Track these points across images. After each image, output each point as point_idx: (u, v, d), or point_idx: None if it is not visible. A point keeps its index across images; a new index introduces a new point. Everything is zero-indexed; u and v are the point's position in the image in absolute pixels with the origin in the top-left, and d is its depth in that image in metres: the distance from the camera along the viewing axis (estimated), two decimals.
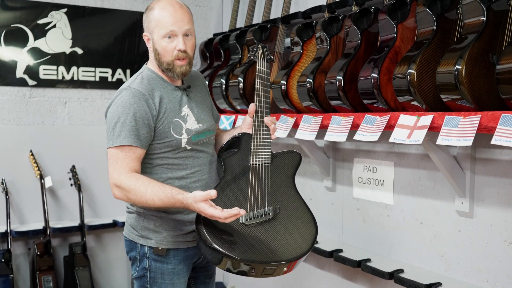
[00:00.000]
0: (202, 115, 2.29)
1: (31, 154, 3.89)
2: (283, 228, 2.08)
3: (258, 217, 2.07)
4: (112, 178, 2.07)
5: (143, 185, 2.03)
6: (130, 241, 2.25)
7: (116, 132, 2.09)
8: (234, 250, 1.94)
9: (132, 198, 2.05)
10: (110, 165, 2.09)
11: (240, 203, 2.08)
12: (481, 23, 2.04)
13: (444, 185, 2.57)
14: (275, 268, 1.97)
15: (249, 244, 1.98)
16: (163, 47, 2.15)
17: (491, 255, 2.38)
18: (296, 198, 2.24)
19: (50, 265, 3.76)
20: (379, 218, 2.98)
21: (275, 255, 1.98)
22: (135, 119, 2.08)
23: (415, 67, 2.20)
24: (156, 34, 2.15)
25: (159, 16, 2.14)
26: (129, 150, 2.08)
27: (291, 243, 2.05)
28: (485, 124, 1.96)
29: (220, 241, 1.95)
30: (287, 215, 2.14)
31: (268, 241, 2.01)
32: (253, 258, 1.94)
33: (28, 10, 3.93)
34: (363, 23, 2.72)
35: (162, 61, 2.18)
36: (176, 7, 2.15)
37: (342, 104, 2.65)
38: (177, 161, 2.20)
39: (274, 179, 2.22)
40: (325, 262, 3.33)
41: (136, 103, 2.10)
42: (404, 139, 2.22)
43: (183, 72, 2.19)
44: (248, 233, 2.01)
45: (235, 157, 2.25)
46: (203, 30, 4.57)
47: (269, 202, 2.13)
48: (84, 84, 4.13)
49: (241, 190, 2.13)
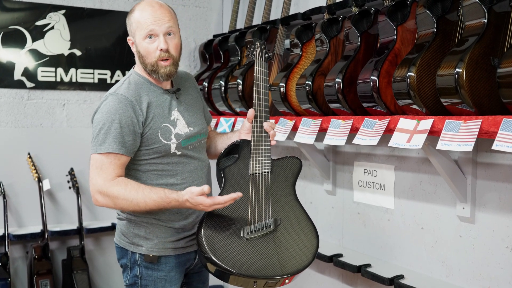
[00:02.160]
0: (193, 118, 2.25)
1: (29, 157, 3.86)
2: (284, 240, 2.07)
3: (259, 230, 2.05)
4: (95, 184, 2.03)
5: (133, 189, 2.00)
6: (121, 248, 2.21)
7: (100, 139, 2.05)
8: (235, 265, 1.92)
9: (121, 204, 2.01)
10: (93, 171, 2.05)
11: (241, 216, 2.05)
12: (482, 25, 2.00)
13: (445, 190, 2.53)
14: (276, 282, 1.98)
15: (251, 258, 1.97)
16: (145, 48, 2.12)
17: (493, 261, 2.34)
18: (297, 208, 2.22)
19: (48, 269, 3.72)
20: (379, 223, 2.94)
21: (277, 269, 1.97)
22: (121, 126, 2.04)
23: (415, 70, 2.16)
24: (137, 36, 2.12)
25: (139, 17, 2.11)
26: (114, 157, 2.04)
27: (293, 256, 2.05)
28: (486, 128, 1.92)
29: (221, 255, 1.93)
30: (288, 227, 2.13)
31: (269, 255, 2.00)
32: (254, 273, 1.93)
33: (26, 12, 3.90)
34: (363, 24, 2.68)
35: (146, 63, 2.15)
36: (155, 6, 2.12)
37: (341, 107, 2.61)
38: (166, 167, 2.16)
39: (275, 189, 2.19)
40: (325, 267, 3.29)
41: (121, 110, 2.06)
42: (403, 144, 2.18)
43: (167, 73, 2.14)
44: (249, 247, 1.99)
45: (235, 166, 2.17)
46: (203, 31, 4.53)
47: (270, 213, 2.11)
48: (82, 86, 4.09)
49: (242, 202, 2.08)
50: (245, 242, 2.00)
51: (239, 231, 2.01)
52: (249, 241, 2.01)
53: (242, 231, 2.01)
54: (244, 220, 2.04)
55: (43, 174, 3.92)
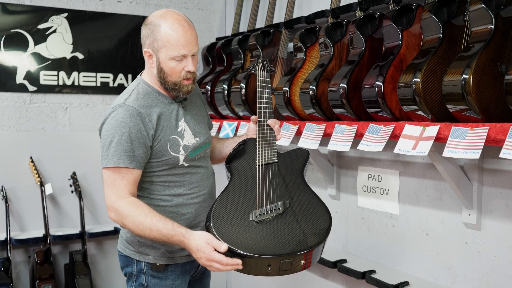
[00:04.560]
0: (199, 128, 2.23)
1: (31, 161, 3.84)
2: (294, 221, 2.01)
3: (267, 213, 2.00)
4: (109, 200, 2.02)
5: (142, 213, 1.97)
6: (125, 256, 2.19)
7: (110, 152, 2.01)
8: (246, 248, 1.87)
9: (128, 225, 2.00)
10: (107, 186, 2.03)
11: (249, 202, 2.03)
12: (489, 32, 1.97)
13: (451, 196, 2.50)
14: (291, 261, 1.89)
15: (261, 240, 1.91)
16: (171, 68, 2.06)
17: (499, 269, 2.31)
18: (307, 190, 2.17)
19: (50, 274, 3.70)
20: (384, 228, 2.91)
21: (288, 247, 1.90)
22: (131, 139, 2.01)
23: (420, 75, 2.13)
24: (163, 54, 2.04)
25: (169, 37, 2.02)
26: (126, 171, 2.01)
27: (304, 234, 1.96)
28: (493, 136, 1.89)
29: (231, 240, 1.89)
30: (298, 208, 2.06)
31: (280, 235, 1.94)
32: (265, 252, 1.87)
33: (28, 15, 3.88)
34: (368, 29, 2.65)
35: (167, 81, 2.09)
36: (186, 26, 2.04)
37: (345, 113, 2.59)
38: (174, 178, 2.14)
39: (283, 176, 2.17)
40: (329, 272, 3.26)
41: (131, 122, 2.02)
42: (409, 150, 2.15)
43: (189, 91, 2.13)
44: (258, 230, 1.95)
45: (241, 161, 2.22)
46: (206, 34, 4.51)
47: (278, 197, 2.06)
48: (85, 89, 4.07)
49: (249, 190, 2.08)
50: (254, 225, 1.96)
51: (248, 216, 1.98)
52: (258, 224, 1.96)
53: (250, 215, 1.98)
54: (252, 206, 2.01)
55: (45, 178, 3.90)
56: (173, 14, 2.07)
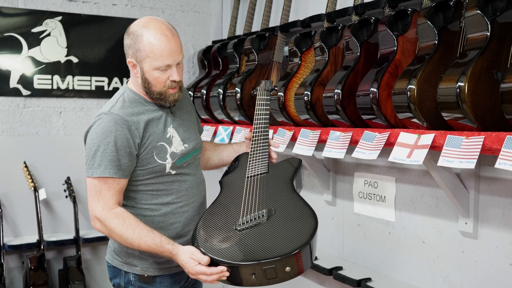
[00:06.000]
0: (188, 134, 2.18)
1: (25, 166, 3.81)
2: (278, 227, 1.95)
3: (251, 221, 1.96)
4: (94, 210, 1.98)
5: (130, 227, 1.95)
6: (113, 267, 2.15)
7: (96, 162, 1.97)
8: (224, 255, 1.85)
9: (115, 238, 1.99)
10: (91, 196, 1.99)
11: (234, 212, 2.01)
12: (485, 38, 1.93)
13: (447, 204, 2.47)
14: (274, 267, 1.81)
15: (243, 248, 1.87)
16: (156, 78, 2.01)
17: (496, 279, 2.27)
18: (294, 197, 2.10)
19: (44, 280, 3.66)
20: (380, 235, 2.87)
21: (269, 253, 1.84)
22: (116, 148, 1.97)
23: (415, 82, 2.09)
24: (147, 64, 1.99)
25: (152, 47, 1.97)
26: (112, 181, 1.98)
27: (287, 239, 1.89)
28: (489, 145, 1.85)
29: (212, 249, 1.87)
30: (283, 214, 2.01)
31: (262, 242, 1.89)
32: (245, 259, 1.83)
33: (22, 18, 3.84)
34: (363, 34, 2.61)
35: (152, 91, 2.05)
36: (169, 35, 1.99)
37: (340, 119, 2.55)
38: (161, 186, 2.09)
39: (270, 185, 2.14)
40: (325, 279, 3.22)
41: (117, 131, 1.98)
42: (404, 159, 2.11)
43: (175, 99, 2.09)
44: (241, 238, 1.91)
45: (232, 175, 2.22)
46: (202, 37, 4.47)
47: (263, 205, 2.02)
48: (79, 93, 4.03)
49: (236, 200, 2.06)
50: (237, 234, 1.93)
51: (232, 226, 1.96)
52: (241, 232, 1.93)
53: (234, 224, 1.96)
54: (237, 215, 2.00)
55: (39, 183, 3.86)
56: (156, 23, 2.01)
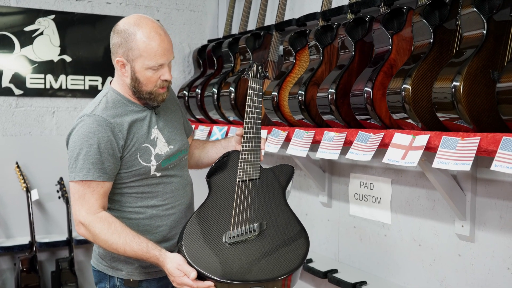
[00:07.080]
0: (173, 135, 2.13)
1: (17, 166, 3.75)
2: (269, 245, 1.90)
3: (242, 235, 1.90)
4: (78, 215, 1.92)
5: (115, 232, 1.89)
6: (98, 271, 2.09)
7: (79, 165, 1.91)
8: (216, 271, 1.78)
9: (100, 243, 1.93)
10: (75, 200, 1.93)
11: (224, 222, 1.94)
12: (481, 37, 1.87)
13: (444, 206, 2.41)
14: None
15: (232, 264, 1.82)
16: (147, 78, 1.96)
17: (493, 283, 2.22)
18: (286, 211, 2.05)
19: (36, 282, 3.61)
20: (376, 238, 2.82)
21: (260, 274, 1.80)
22: (100, 151, 1.91)
23: (410, 82, 2.04)
24: (139, 64, 1.94)
25: (146, 46, 1.91)
26: (96, 185, 1.92)
27: (278, 260, 1.85)
28: (484, 146, 1.79)
29: (199, 261, 1.81)
30: (275, 231, 1.95)
31: (252, 260, 1.84)
32: (234, 277, 1.78)
33: (14, 17, 3.79)
34: (358, 32, 2.56)
35: (141, 90, 1.99)
36: (162, 34, 1.94)
37: (334, 119, 2.50)
38: (146, 189, 2.04)
39: (262, 194, 2.07)
40: (320, 282, 3.17)
41: (100, 133, 1.92)
42: (398, 160, 2.06)
43: (164, 99, 2.04)
44: (231, 253, 1.85)
45: (221, 175, 2.12)
46: (197, 35, 4.42)
47: (255, 218, 1.96)
48: (73, 93, 3.98)
49: (226, 208, 1.99)
50: (227, 248, 1.87)
51: (221, 237, 1.89)
52: (232, 246, 1.87)
53: (224, 236, 1.89)
54: (226, 226, 1.93)
55: (32, 184, 3.81)
56: (148, 21, 1.95)
